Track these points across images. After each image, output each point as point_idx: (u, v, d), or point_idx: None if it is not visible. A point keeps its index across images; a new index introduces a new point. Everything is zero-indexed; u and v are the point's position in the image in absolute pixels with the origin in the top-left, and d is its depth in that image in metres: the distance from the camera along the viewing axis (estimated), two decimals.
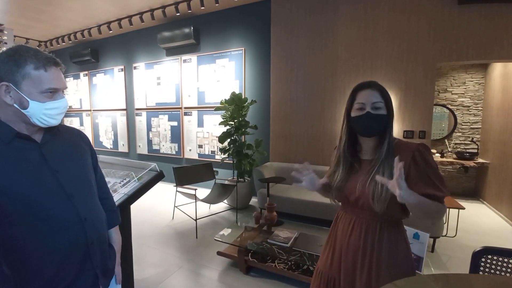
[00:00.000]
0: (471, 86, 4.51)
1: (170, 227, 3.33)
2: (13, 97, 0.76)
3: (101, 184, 1.05)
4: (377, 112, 0.92)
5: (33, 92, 0.76)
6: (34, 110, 0.77)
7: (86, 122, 6.66)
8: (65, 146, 0.90)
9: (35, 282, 0.77)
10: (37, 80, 0.76)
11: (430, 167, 0.89)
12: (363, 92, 0.95)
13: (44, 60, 0.77)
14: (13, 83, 0.74)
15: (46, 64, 0.77)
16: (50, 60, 0.78)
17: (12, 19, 4.86)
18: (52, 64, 0.79)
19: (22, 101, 0.76)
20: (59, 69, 0.82)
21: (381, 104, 0.93)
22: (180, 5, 4.26)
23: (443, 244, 2.78)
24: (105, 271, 0.94)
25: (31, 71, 0.75)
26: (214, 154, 4.79)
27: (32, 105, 0.77)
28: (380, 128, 0.94)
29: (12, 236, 0.75)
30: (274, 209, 2.70)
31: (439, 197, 0.87)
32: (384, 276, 0.92)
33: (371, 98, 0.93)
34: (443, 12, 3.08)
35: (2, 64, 0.74)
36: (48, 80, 0.77)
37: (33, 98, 0.76)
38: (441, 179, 0.89)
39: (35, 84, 0.76)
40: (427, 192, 0.87)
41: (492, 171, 3.94)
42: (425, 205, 0.84)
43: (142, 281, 2.21)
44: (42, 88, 0.77)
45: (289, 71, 3.97)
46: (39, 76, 0.76)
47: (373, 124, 0.93)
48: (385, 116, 0.93)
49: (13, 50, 0.76)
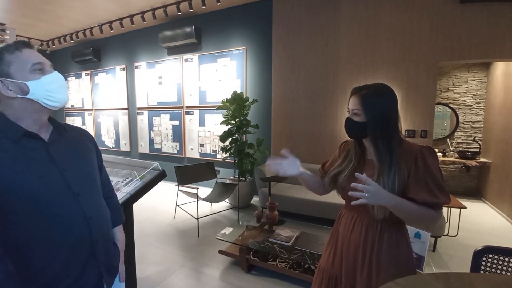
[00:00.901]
0: (473, 85, 4.49)
1: (172, 225, 3.35)
2: (13, 89, 0.77)
3: (105, 183, 1.06)
4: (354, 118, 0.97)
5: (24, 74, 0.78)
6: (36, 91, 0.79)
7: (88, 121, 6.69)
8: (71, 145, 0.91)
9: (40, 280, 0.78)
10: (19, 62, 0.78)
11: (429, 171, 0.88)
12: (351, 98, 1.00)
13: (14, 44, 0.80)
14: (4, 76, 0.77)
15: (18, 46, 0.79)
16: (19, 42, 0.81)
17: (13, 18, 4.88)
18: (22, 44, 0.81)
19: (22, 87, 0.78)
20: (33, 49, 0.84)
21: (358, 112, 0.95)
22: (181, 4, 4.26)
23: (444, 243, 2.78)
24: (109, 269, 0.94)
25: (9, 57, 0.77)
26: (216, 153, 4.80)
27: (32, 86, 0.78)
28: (356, 133, 0.99)
29: (18, 234, 0.76)
30: (276, 208, 2.71)
31: (429, 203, 0.86)
32: (384, 274, 0.93)
33: (352, 105, 0.98)
34: (445, 11, 3.07)
35: None
36: (28, 58, 0.79)
37: (27, 79, 0.78)
38: (439, 185, 0.87)
39: (20, 66, 0.78)
40: (418, 194, 0.87)
41: (494, 170, 3.94)
42: (404, 209, 0.85)
43: (144, 279, 2.22)
44: (27, 67, 0.79)
45: (290, 70, 3.97)
46: (18, 57, 0.78)
47: (349, 129, 1.01)
48: (360, 124, 0.96)
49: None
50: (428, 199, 0.86)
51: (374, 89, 0.95)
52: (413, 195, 0.88)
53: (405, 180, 0.90)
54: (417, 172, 0.89)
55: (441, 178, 0.88)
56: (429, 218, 0.87)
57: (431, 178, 0.87)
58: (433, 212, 0.87)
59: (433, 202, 0.86)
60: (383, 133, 0.93)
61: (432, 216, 0.87)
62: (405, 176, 0.90)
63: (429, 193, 0.86)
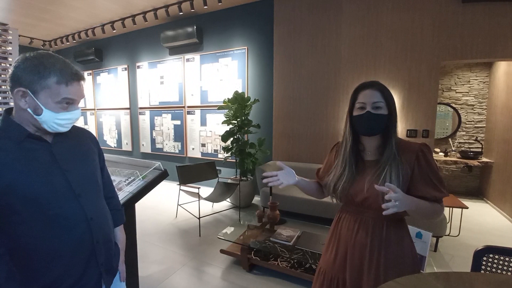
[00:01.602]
0: (476, 85, 4.48)
1: (173, 225, 3.36)
2: (27, 103, 0.77)
3: (107, 183, 1.07)
4: (377, 112, 0.94)
5: (49, 102, 0.77)
6: (47, 118, 0.78)
7: (90, 121, 6.72)
8: (74, 146, 0.92)
9: (41, 280, 0.79)
10: (55, 92, 0.77)
11: (431, 168, 0.92)
12: (364, 92, 0.96)
13: (68, 76, 0.78)
14: (31, 91, 0.75)
15: (69, 80, 0.78)
16: (74, 77, 0.79)
17: (16, 18, 4.91)
18: (76, 79, 0.80)
19: (37, 108, 0.77)
20: (81, 83, 0.83)
21: (382, 104, 0.94)
22: (183, 4, 4.27)
23: (446, 243, 2.78)
24: (109, 269, 0.95)
25: (53, 84, 0.76)
26: (217, 153, 4.81)
27: (46, 113, 0.77)
28: (380, 127, 0.95)
29: (20, 234, 0.76)
30: (277, 207, 2.71)
31: (438, 198, 0.90)
32: (392, 272, 0.93)
33: (371, 98, 0.94)
34: (447, 11, 3.06)
35: (25, 72, 0.74)
36: (65, 92, 0.78)
37: (48, 108, 0.77)
38: (440, 179, 0.92)
39: (52, 95, 0.77)
40: (427, 192, 0.90)
41: (496, 170, 3.92)
42: (422, 208, 0.88)
43: (146, 277, 2.23)
44: (58, 98, 0.78)
45: (292, 70, 3.98)
46: (59, 89, 0.77)
47: (372, 124, 0.94)
48: (385, 116, 0.94)
49: (39, 60, 0.76)
50: (437, 194, 0.90)
51: (384, 85, 0.98)
52: (422, 193, 0.91)
53: (407, 176, 0.92)
54: (421, 170, 0.92)
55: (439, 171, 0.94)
56: (439, 212, 0.92)
57: (434, 174, 0.92)
58: (439, 205, 0.92)
59: (439, 196, 0.90)
60: (395, 126, 0.96)
61: (440, 210, 0.92)
62: (407, 173, 0.92)
63: (435, 188, 0.91)
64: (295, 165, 3.88)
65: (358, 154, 1.04)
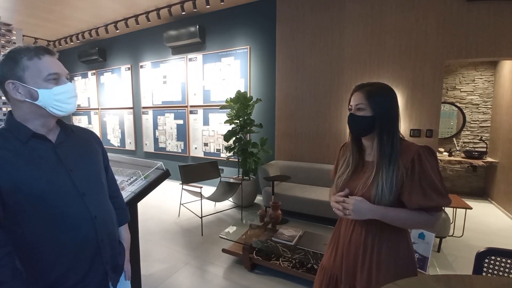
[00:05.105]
0: (480, 84, 4.43)
1: (176, 224, 3.38)
2: (22, 93, 0.79)
3: (111, 183, 1.08)
4: (358, 113, 0.96)
5: (37, 81, 0.79)
6: (45, 99, 0.80)
7: (94, 120, 6.77)
8: (78, 146, 0.93)
9: (47, 278, 0.80)
10: (35, 69, 0.79)
11: (425, 174, 0.87)
12: (354, 94, 0.99)
13: (34, 49, 0.80)
14: (17, 79, 0.78)
15: (38, 53, 0.80)
16: (40, 49, 0.81)
17: (20, 19, 4.95)
18: (43, 51, 0.81)
19: (32, 93, 0.79)
20: (54, 57, 0.85)
21: (363, 106, 0.95)
22: (185, 4, 4.28)
23: (449, 244, 2.76)
24: (115, 267, 0.96)
25: (26, 62, 0.78)
26: (220, 152, 4.82)
27: (42, 94, 0.79)
28: (362, 128, 0.97)
29: (25, 233, 0.78)
30: (279, 207, 2.71)
31: (426, 207, 0.86)
32: (384, 274, 0.93)
33: (355, 101, 0.97)
34: (452, 9, 3.03)
35: (2, 65, 0.78)
36: (46, 67, 0.80)
37: (41, 87, 0.79)
38: (435, 187, 0.86)
39: (35, 73, 0.79)
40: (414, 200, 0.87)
41: (501, 170, 3.88)
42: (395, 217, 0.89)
43: (149, 276, 2.25)
44: (43, 75, 0.80)
45: (294, 69, 3.96)
46: (36, 65, 0.79)
47: (354, 125, 0.98)
48: (369, 118, 0.94)
49: (9, 51, 0.80)
50: (422, 202, 0.86)
51: (377, 86, 0.97)
52: (405, 198, 0.89)
53: (402, 178, 0.90)
54: (413, 174, 0.88)
55: (438, 179, 0.87)
56: (424, 222, 0.88)
57: (427, 181, 0.86)
58: (427, 215, 0.88)
59: (427, 206, 0.86)
60: (388, 128, 0.94)
61: (427, 220, 0.88)
62: (403, 174, 0.90)
63: (423, 196, 0.86)
64: (298, 164, 3.88)
65: (361, 154, 1.05)
